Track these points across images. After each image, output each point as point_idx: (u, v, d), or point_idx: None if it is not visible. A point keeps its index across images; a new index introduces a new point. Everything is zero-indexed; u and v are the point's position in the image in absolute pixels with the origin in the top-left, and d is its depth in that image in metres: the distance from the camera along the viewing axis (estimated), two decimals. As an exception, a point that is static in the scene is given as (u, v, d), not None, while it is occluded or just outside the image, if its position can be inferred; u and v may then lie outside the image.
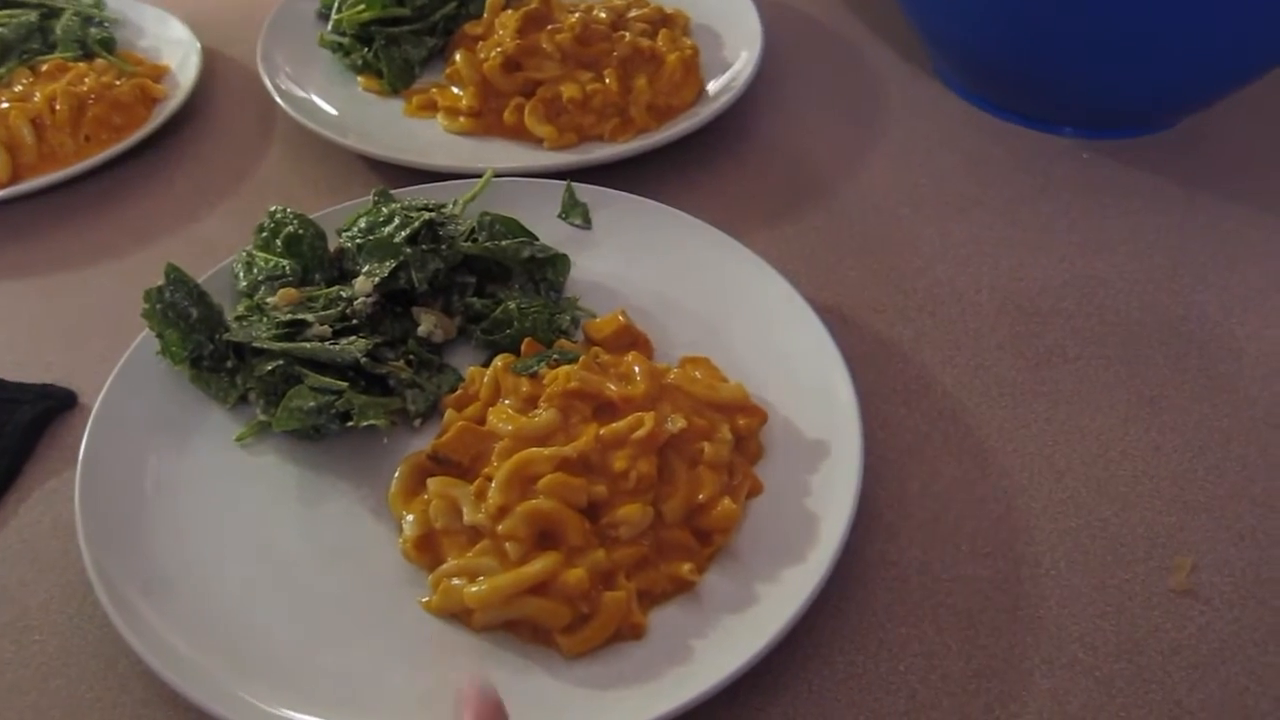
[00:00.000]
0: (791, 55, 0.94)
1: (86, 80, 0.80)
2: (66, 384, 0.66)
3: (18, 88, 0.81)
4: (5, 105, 0.78)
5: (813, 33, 0.97)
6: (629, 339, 0.64)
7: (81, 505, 0.55)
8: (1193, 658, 0.52)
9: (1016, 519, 0.58)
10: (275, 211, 0.66)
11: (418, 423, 0.60)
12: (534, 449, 0.55)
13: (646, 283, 0.69)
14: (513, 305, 0.63)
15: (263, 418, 0.59)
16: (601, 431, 0.55)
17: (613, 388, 0.58)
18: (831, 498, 0.55)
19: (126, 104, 0.80)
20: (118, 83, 0.82)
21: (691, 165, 0.81)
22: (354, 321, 0.61)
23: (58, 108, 0.78)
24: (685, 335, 0.66)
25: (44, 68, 0.82)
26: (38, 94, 0.79)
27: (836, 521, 0.54)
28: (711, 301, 0.67)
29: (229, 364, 0.61)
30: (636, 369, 0.59)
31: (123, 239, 0.76)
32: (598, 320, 0.65)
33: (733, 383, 0.61)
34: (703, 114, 0.81)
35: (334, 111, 0.83)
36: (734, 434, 0.58)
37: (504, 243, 0.66)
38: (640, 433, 0.55)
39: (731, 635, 0.51)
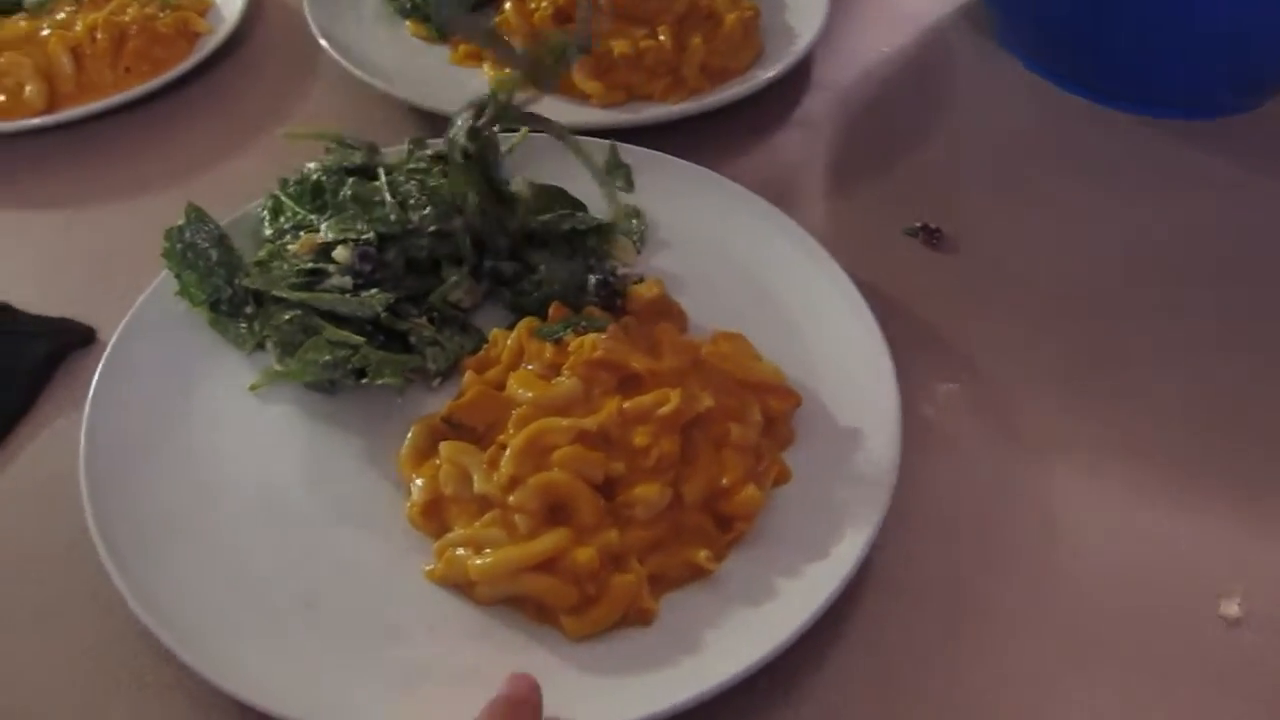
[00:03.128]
0: (855, 20, 0.89)
1: (129, 11, 0.79)
2: (87, 320, 0.64)
3: (61, 15, 0.79)
4: (46, 32, 0.76)
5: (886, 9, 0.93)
6: (663, 309, 0.62)
7: (86, 446, 0.53)
8: (1241, 690, 0.48)
9: (1056, 527, 0.54)
10: (301, 174, 0.64)
11: (436, 383, 0.58)
12: (552, 419, 0.52)
13: (687, 251, 0.66)
14: (543, 268, 0.60)
15: (278, 368, 0.57)
16: (625, 405, 0.53)
17: (640, 360, 0.55)
18: (862, 492, 0.52)
19: (168, 37, 0.79)
20: (161, 15, 0.80)
21: (743, 131, 0.78)
22: (376, 275, 0.58)
23: (98, 37, 0.76)
24: (723, 309, 0.62)
25: (87, -4, 0.81)
26: (79, 23, 0.77)
27: (866, 518, 0.51)
28: (753, 275, 0.64)
29: (248, 309, 0.59)
30: (666, 341, 0.57)
31: (155, 174, 0.74)
32: (632, 287, 0.62)
33: (767, 363, 0.58)
34: (759, 78, 0.77)
35: (378, 56, 0.80)
36: (765, 417, 0.55)
37: (544, 216, 0.63)
38: (665, 409, 0.52)
39: (746, 628, 0.48)
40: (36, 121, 0.74)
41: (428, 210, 0.60)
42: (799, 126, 0.79)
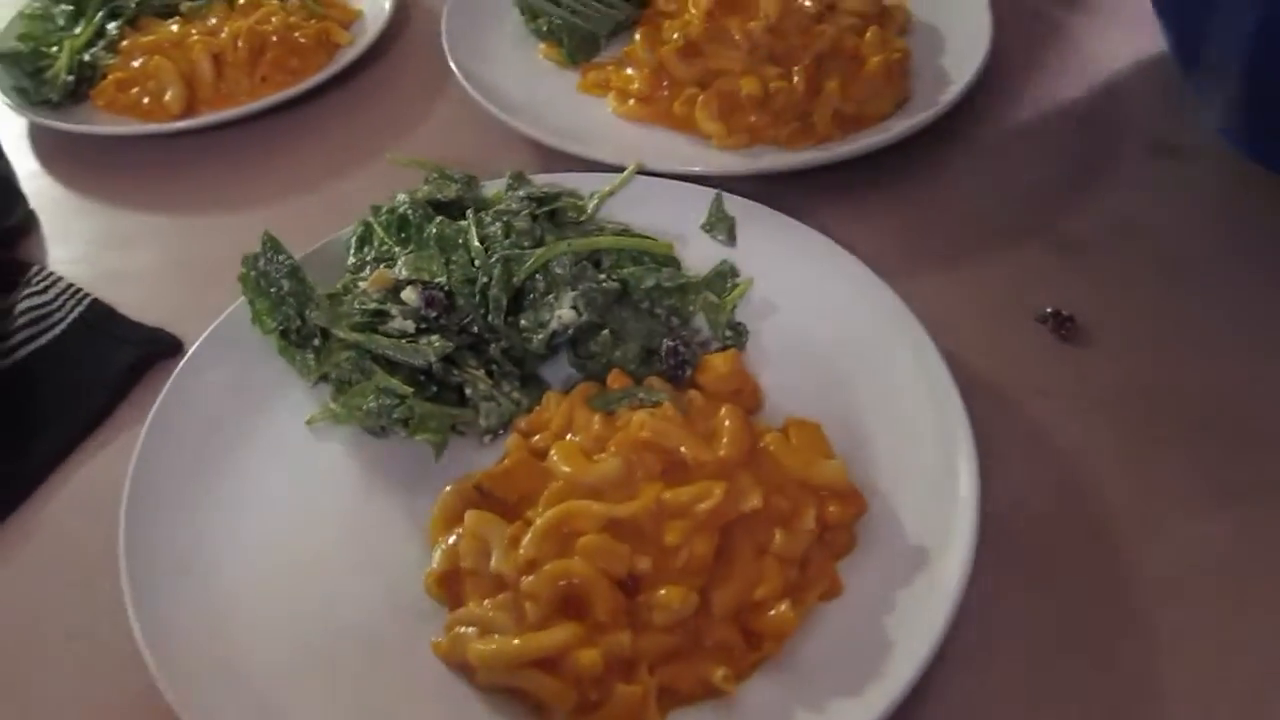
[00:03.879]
0: (1019, 63, 0.81)
1: (273, 19, 0.80)
2: (182, 329, 0.66)
3: (212, 20, 0.81)
4: (193, 38, 0.78)
5: (1050, 41, 0.84)
6: (737, 385, 0.57)
7: (137, 464, 0.54)
8: None
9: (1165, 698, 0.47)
10: (392, 203, 0.63)
11: (487, 439, 0.56)
12: (584, 502, 0.49)
13: (776, 320, 0.61)
14: (606, 332, 0.57)
15: (333, 406, 0.56)
16: (664, 495, 0.49)
17: (690, 445, 0.51)
18: (917, 622, 0.47)
19: (306, 48, 0.80)
20: (305, 24, 0.81)
21: (868, 184, 0.71)
22: (440, 321, 0.57)
23: (239, 45, 0.78)
24: (804, 390, 0.57)
25: (240, 1, 0.83)
26: (226, 29, 0.79)
27: (913, 654, 0.45)
28: (843, 356, 0.58)
29: (315, 341, 0.58)
30: (727, 427, 0.52)
31: (269, 187, 0.75)
32: (708, 356, 0.58)
33: (834, 461, 0.52)
34: (895, 129, 0.71)
35: (507, 78, 0.79)
36: (821, 522, 0.50)
37: (625, 269, 0.60)
38: (705, 505, 0.48)
39: (756, 763, 0.44)
40: (169, 126, 0.76)
41: (503, 259, 0.57)
42: (932, 184, 0.72)
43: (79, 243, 0.73)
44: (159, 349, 0.64)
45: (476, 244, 0.58)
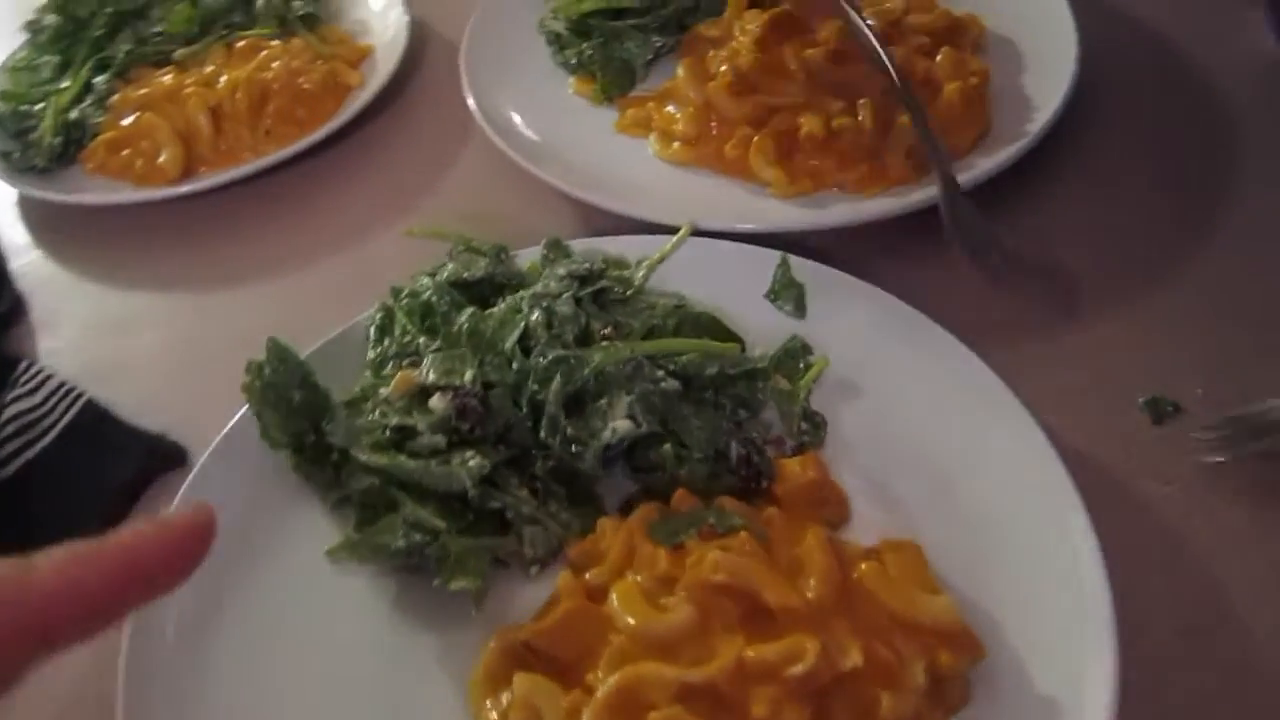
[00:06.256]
0: (1117, 86, 0.71)
1: (275, 64, 0.72)
2: (184, 431, 0.59)
3: (209, 68, 0.74)
4: (188, 90, 0.71)
5: (1150, 58, 0.74)
6: (820, 495, 0.49)
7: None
8: None
9: None
10: (414, 285, 0.56)
11: (534, 570, 0.48)
12: (652, 665, 0.41)
13: (857, 406, 0.54)
14: (668, 447, 0.49)
15: (354, 536, 0.49)
16: (747, 653, 0.41)
17: (773, 587, 0.43)
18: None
19: (313, 95, 0.72)
20: (311, 66, 0.73)
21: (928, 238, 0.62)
22: (476, 432, 0.49)
23: (239, 96, 0.70)
24: (895, 497, 0.50)
25: (239, 45, 0.75)
26: (224, 77, 0.72)
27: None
28: (939, 448, 0.51)
29: (334, 457, 0.51)
30: (815, 562, 0.44)
31: (283, 254, 0.68)
32: (784, 462, 0.50)
33: (942, 598, 0.44)
34: (981, 167, 0.62)
35: (536, 118, 0.71)
36: (932, 674, 0.43)
37: (684, 357, 0.52)
38: (797, 669, 0.41)
39: None
40: (165, 191, 0.69)
41: (557, 364, 0.50)
42: (1024, 230, 0.63)
43: (71, 327, 0.66)
44: (161, 463, 0.57)
45: (513, 344, 0.51)
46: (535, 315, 0.52)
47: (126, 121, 0.70)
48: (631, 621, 0.43)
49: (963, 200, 0.59)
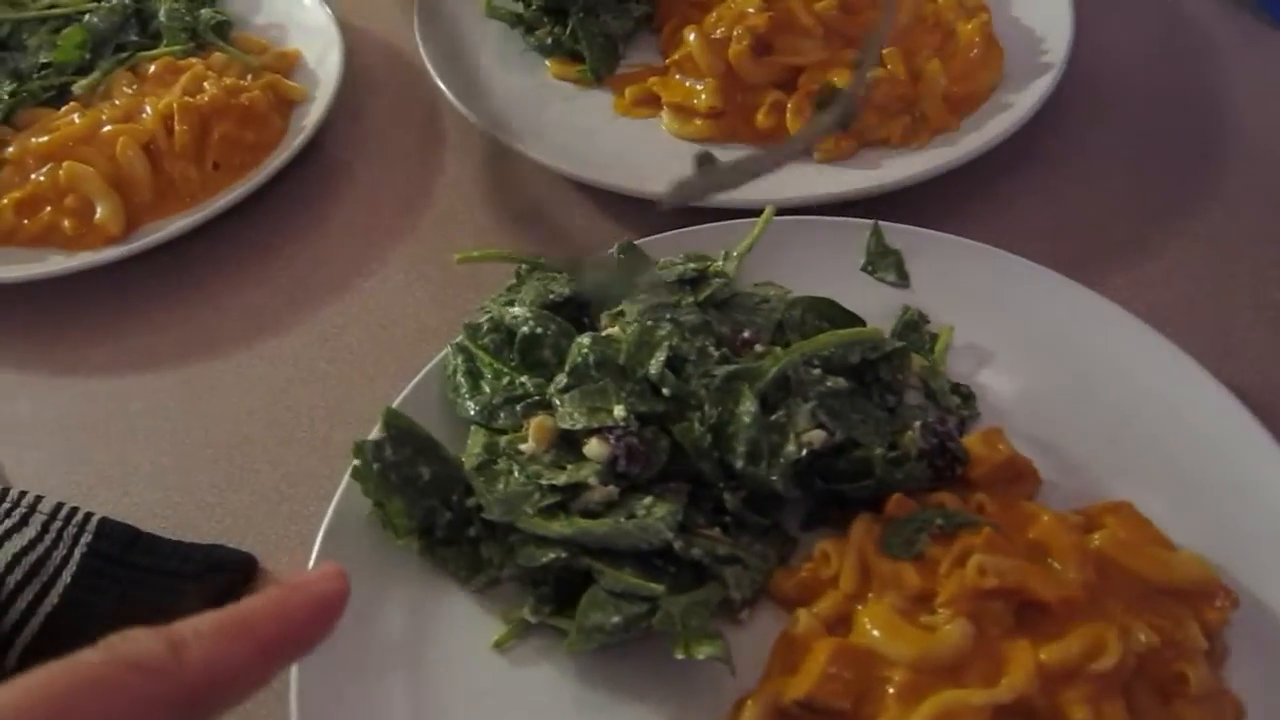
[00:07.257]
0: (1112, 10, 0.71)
1: (207, 85, 0.61)
2: (236, 531, 0.49)
3: (119, 100, 0.62)
4: (108, 129, 0.59)
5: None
6: (1013, 470, 0.46)
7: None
8: None
9: None
10: (492, 308, 0.49)
11: (745, 614, 0.43)
12: (955, 694, 0.38)
13: (993, 368, 0.51)
14: (878, 452, 0.44)
15: (529, 616, 0.42)
16: (1042, 657, 0.38)
17: (1037, 580, 0.40)
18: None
19: (259, 114, 0.61)
20: (243, 83, 0.63)
21: (984, 182, 0.60)
22: (641, 476, 0.43)
23: (177, 129, 0.59)
24: (1072, 459, 0.47)
25: (151, 69, 0.63)
26: (148, 108, 0.60)
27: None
28: (1103, 403, 0.49)
29: (471, 532, 0.44)
30: (1055, 542, 0.41)
31: (274, 304, 0.58)
32: (967, 443, 0.46)
33: (1187, 553, 0.43)
34: (1021, 105, 0.60)
35: (534, 116, 0.63)
36: (1207, 634, 0.41)
37: (828, 350, 0.47)
38: (1103, 663, 0.38)
39: None
40: (113, 252, 0.57)
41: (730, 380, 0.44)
42: (1057, 164, 0.62)
43: (40, 434, 0.54)
44: (231, 576, 0.47)
45: (660, 367, 0.44)
46: (666, 329, 0.46)
47: (40, 175, 0.57)
48: (908, 651, 0.39)
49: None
